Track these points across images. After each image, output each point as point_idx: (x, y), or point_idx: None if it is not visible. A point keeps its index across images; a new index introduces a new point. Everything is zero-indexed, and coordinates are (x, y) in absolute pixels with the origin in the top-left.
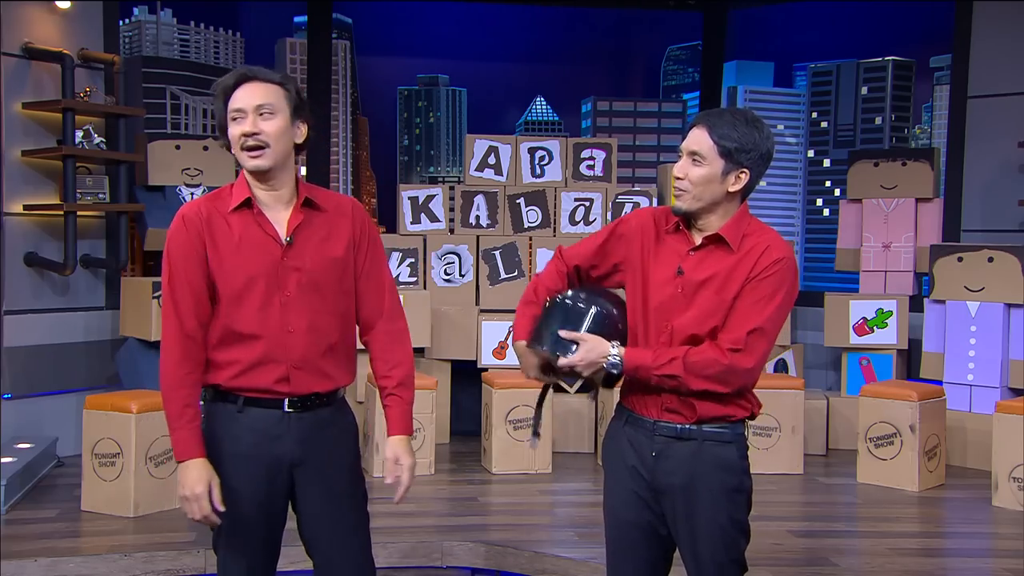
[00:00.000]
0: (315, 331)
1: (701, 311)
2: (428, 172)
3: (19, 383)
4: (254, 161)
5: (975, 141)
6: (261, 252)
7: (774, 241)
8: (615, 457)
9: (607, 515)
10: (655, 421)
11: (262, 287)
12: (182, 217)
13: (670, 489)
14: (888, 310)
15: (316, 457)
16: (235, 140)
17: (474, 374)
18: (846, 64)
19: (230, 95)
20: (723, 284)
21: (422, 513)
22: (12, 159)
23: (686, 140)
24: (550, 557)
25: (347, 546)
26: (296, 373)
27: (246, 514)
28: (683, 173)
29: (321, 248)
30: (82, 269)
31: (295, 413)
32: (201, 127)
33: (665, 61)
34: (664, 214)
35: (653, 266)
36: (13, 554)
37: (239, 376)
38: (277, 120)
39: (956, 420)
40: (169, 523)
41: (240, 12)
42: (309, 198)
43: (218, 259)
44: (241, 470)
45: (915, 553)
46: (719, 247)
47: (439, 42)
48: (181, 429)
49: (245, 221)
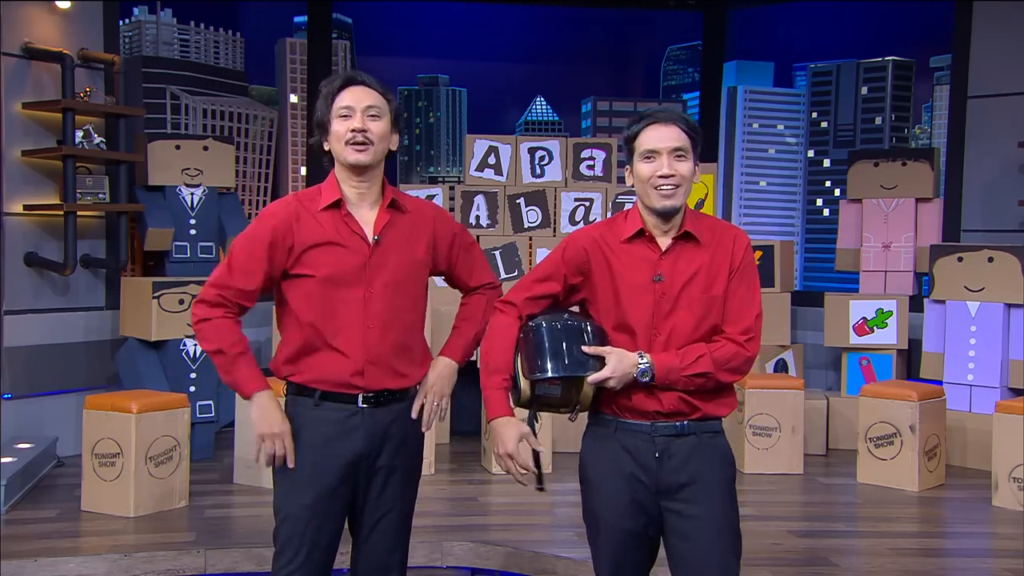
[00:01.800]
0: (392, 329)
1: (692, 312)
2: (428, 172)
3: (19, 383)
4: (358, 155)
5: (975, 141)
6: (350, 250)
7: (730, 226)
8: (607, 466)
9: (598, 523)
10: (653, 423)
11: (348, 283)
12: (269, 213)
13: (677, 487)
14: (888, 310)
15: (385, 451)
16: (340, 135)
17: (474, 374)
18: (846, 64)
19: (336, 96)
20: (708, 281)
21: (422, 513)
22: (12, 159)
23: (659, 139)
24: (550, 557)
25: (386, 536)
26: (371, 368)
27: (314, 502)
28: (673, 170)
29: (405, 248)
30: (82, 269)
31: (368, 408)
32: (201, 127)
33: (665, 61)
34: (608, 228)
35: (620, 278)
36: (13, 554)
37: (316, 369)
38: (382, 122)
39: (956, 420)
40: (169, 523)
41: (240, 12)
42: (395, 199)
43: (306, 254)
44: (315, 460)
45: (915, 553)
46: (686, 245)
47: (439, 42)
48: (240, 366)
49: (334, 220)
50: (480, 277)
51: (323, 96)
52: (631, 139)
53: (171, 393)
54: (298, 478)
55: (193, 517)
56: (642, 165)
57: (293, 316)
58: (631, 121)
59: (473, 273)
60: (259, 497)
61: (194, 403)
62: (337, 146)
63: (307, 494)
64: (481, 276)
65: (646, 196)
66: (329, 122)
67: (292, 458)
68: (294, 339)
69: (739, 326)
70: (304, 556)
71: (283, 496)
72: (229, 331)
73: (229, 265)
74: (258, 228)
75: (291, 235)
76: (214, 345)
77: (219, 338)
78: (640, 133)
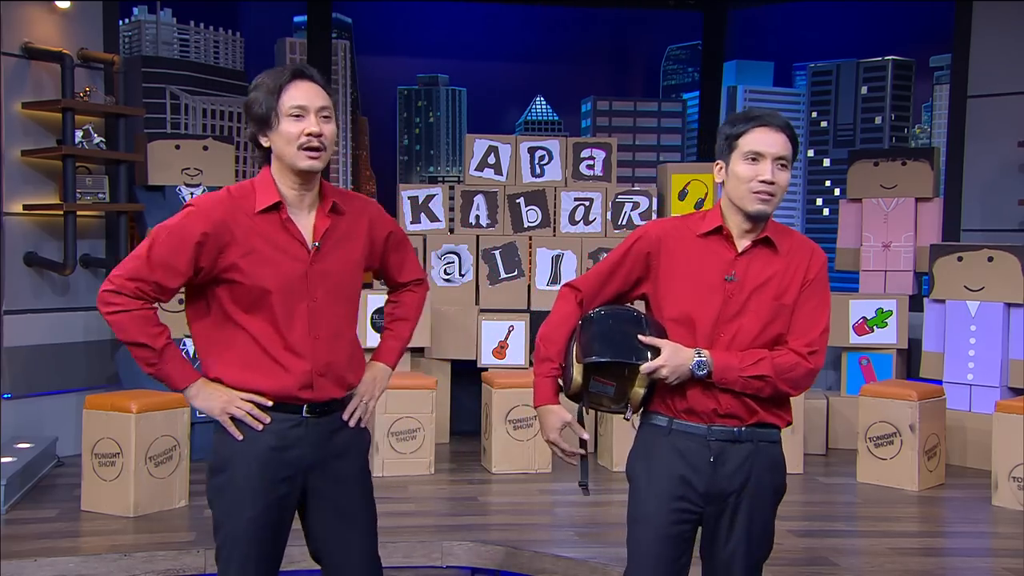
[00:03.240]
0: (339, 337)
1: (759, 317)
2: (428, 172)
3: (19, 383)
4: (311, 161)
5: (975, 141)
6: (290, 257)
7: (810, 241)
8: (658, 468)
9: (642, 525)
10: (709, 426)
11: (291, 292)
12: (200, 210)
13: (728, 493)
14: (888, 310)
15: (330, 460)
16: (291, 137)
17: (474, 374)
18: (846, 64)
19: (284, 90)
20: (781, 289)
21: (422, 513)
22: (12, 159)
23: (767, 144)
24: (550, 557)
25: (358, 547)
26: (320, 380)
27: (258, 515)
28: (773, 178)
29: (343, 252)
30: (82, 269)
31: (312, 418)
32: (201, 127)
33: (665, 61)
34: (682, 222)
35: (690, 274)
36: (13, 554)
37: (263, 382)
38: (332, 125)
39: (956, 420)
40: (169, 523)
41: (240, 12)
42: (335, 202)
43: (242, 262)
44: (256, 471)
45: (915, 553)
46: (763, 250)
47: (439, 42)
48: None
49: (273, 224)
50: (410, 273)
51: (267, 87)
52: (735, 136)
53: (171, 393)
54: (240, 492)
55: (193, 517)
56: (744, 165)
57: (226, 322)
58: (734, 118)
59: (403, 269)
60: None
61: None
62: (287, 148)
63: (249, 508)
64: (411, 272)
65: (740, 197)
66: (275, 117)
67: (260, 412)
68: (229, 346)
69: (804, 339)
70: (251, 570)
71: (224, 512)
72: (151, 322)
73: (148, 258)
74: (186, 223)
75: (224, 237)
76: (137, 338)
77: (142, 331)
78: (747, 132)
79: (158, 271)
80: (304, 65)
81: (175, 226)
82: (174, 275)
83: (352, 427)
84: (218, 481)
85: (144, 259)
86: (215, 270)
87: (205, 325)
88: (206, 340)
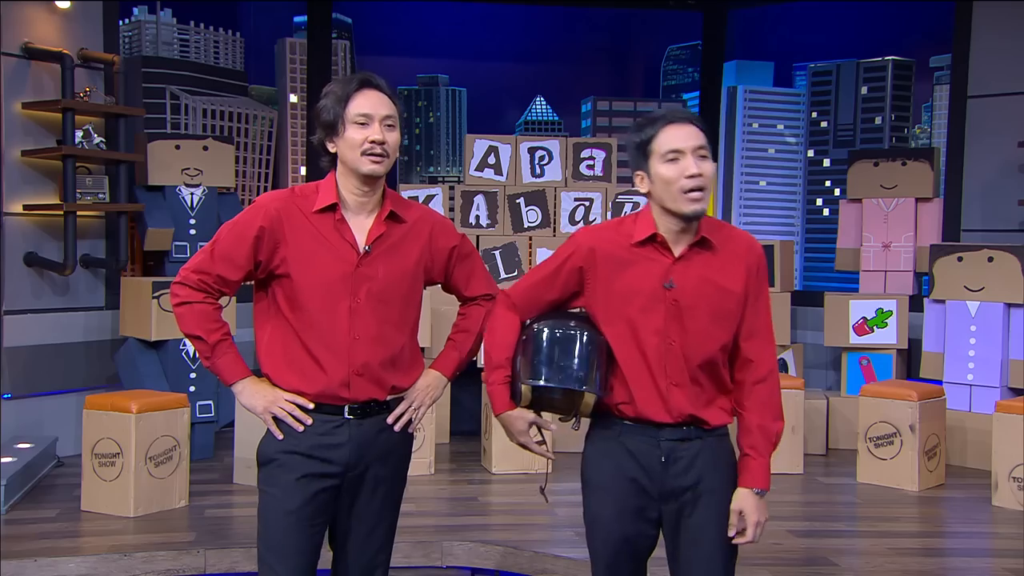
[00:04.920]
0: (380, 341)
1: (704, 320)
2: (428, 172)
3: (19, 383)
4: (375, 166)
5: (975, 141)
6: (337, 257)
7: (744, 233)
8: (610, 471)
9: (597, 529)
10: (660, 426)
11: (333, 292)
12: (260, 206)
13: (683, 489)
14: (888, 310)
15: (372, 462)
16: (356, 144)
17: (474, 374)
18: (846, 64)
19: (352, 98)
20: (722, 289)
21: (422, 513)
22: (12, 159)
23: (682, 139)
24: (550, 557)
25: (372, 546)
26: (356, 380)
27: (296, 510)
28: (700, 169)
29: (396, 259)
30: (82, 269)
31: (355, 419)
32: (201, 127)
33: (665, 61)
34: (615, 230)
35: (628, 285)
36: (13, 554)
37: (303, 379)
38: (396, 133)
39: (956, 420)
40: (169, 523)
41: (240, 12)
42: (394, 210)
43: (292, 256)
44: (299, 470)
45: (915, 553)
46: (701, 251)
47: (439, 42)
48: (221, 354)
49: (327, 224)
50: (477, 287)
51: (335, 96)
52: (647, 141)
53: (171, 393)
54: (283, 486)
55: (193, 517)
56: (665, 167)
57: (278, 318)
58: (639, 124)
59: (470, 283)
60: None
61: (194, 403)
62: (350, 153)
63: (291, 502)
64: (478, 286)
65: (672, 200)
66: (341, 124)
67: (301, 413)
68: (277, 342)
69: (765, 352)
70: (289, 563)
71: (267, 503)
72: (210, 317)
73: (212, 252)
74: (247, 218)
75: (280, 232)
76: (194, 331)
77: (200, 324)
78: (658, 134)
79: (220, 264)
80: (372, 75)
81: (237, 221)
82: (235, 268)
83: (397, 431)
84: (262, 474)
85: (208, 252)
86: (270, 265)
87: (262, 322)
88: (261, 336)
